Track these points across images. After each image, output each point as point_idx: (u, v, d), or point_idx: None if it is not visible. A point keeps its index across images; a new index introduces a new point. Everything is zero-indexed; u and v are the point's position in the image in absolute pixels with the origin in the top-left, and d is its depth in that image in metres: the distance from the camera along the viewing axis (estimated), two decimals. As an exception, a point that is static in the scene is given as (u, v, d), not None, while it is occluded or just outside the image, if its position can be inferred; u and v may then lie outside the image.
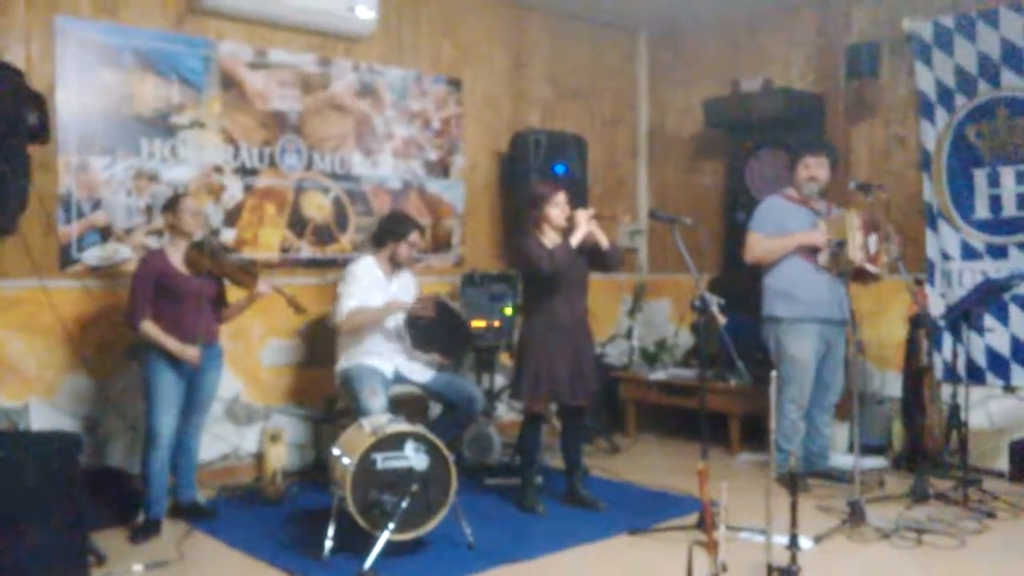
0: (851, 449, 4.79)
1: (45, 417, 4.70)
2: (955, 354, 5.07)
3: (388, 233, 5.08)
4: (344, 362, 4.94)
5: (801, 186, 5.13)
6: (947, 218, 5.69)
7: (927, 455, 5.28)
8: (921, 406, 5.41)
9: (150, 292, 4.32)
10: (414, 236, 5.06)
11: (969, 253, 5.62)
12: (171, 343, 4.29)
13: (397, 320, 4.94)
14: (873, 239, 4.89)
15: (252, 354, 5.43)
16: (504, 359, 6.11)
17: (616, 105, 7.42)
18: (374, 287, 4.94)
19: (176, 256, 4.42)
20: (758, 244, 5.15)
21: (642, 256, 7.53)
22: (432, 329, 4.88)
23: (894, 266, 4.96)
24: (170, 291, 4.35)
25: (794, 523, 3.66)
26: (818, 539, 4.13)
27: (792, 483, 3.70)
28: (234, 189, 5.37)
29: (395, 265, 5.05)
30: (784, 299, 5.08)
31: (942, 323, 5.44)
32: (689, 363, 6.92)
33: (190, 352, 4.32)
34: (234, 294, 4.69)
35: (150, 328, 4.29)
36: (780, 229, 5.10)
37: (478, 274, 5.90)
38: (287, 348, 5.57)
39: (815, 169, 5.09)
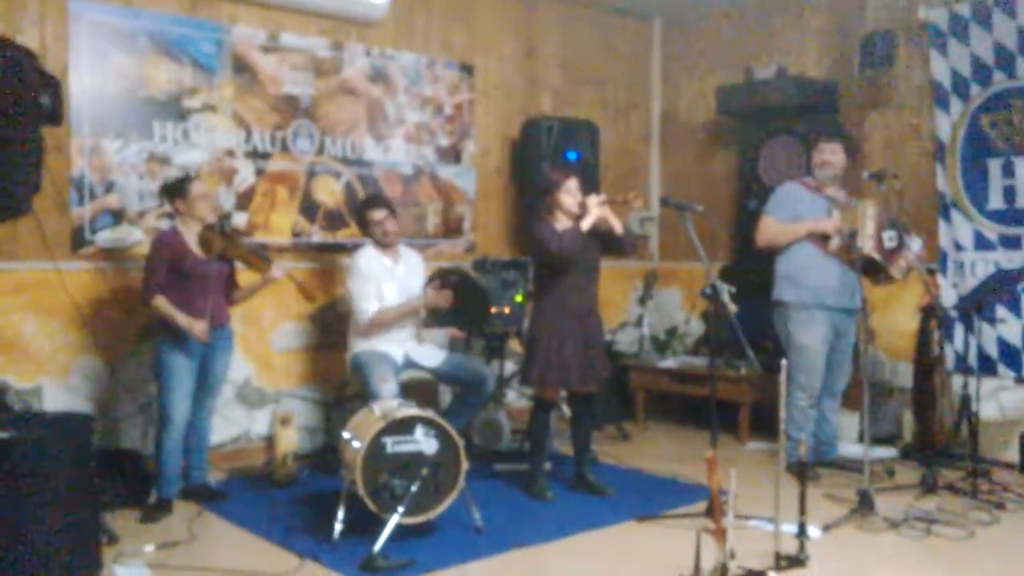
0: (861, 439, 4.78)
1: (58, 398, 4.73)
2: (967, 345, 5.05)
3: (358, 222, 5.12)
4: (355, 347, 4.95)
5: (815, 172, 5.13)
6: (960, 208, 5.66)
7: (937, 446, 5.26)
8: (932, 396, 5.38)
9: (164, 270, 4.33)
10: (376, 214, 4.99)
11: (982, 243, 5.59)
12: (181, 317, 4.29)
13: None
14: (891, 235, 4.87)
15: (263, 338, 5.45)
16: (514, 345, 6.11)
17: (629, 92, 7.39)
18: (382, 275, 4.94)
19: (190, 237, 4.43)
20: (769, 228, 5.14)
21: (653, 243, 7.52)
22: (453, 302, 4.85)
23: (912, 265, 4.95)
24: (183, 271, 4.36)
25: (803, 512, 3.67)
26: (827, 528, 4.13)
27: (801, 472, 3.70)
28: (246, 173, 5.37)
29: (386, 246, 5.04)
30: (792, 284, 5.07)
31: (954, 313, 5.42)
32: (699, 351, 6.92)
33: (199, 327, 4.31)
34: (244, 277, 4.71)
35: (161, 303, 4.30)
36: (794, 215, 5.08)
37: (489, 260, 5.89)
38: (298, 332, 5.59)
39: (828, 154, 5.08)
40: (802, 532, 3.68)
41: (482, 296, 4.91)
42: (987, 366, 5.45)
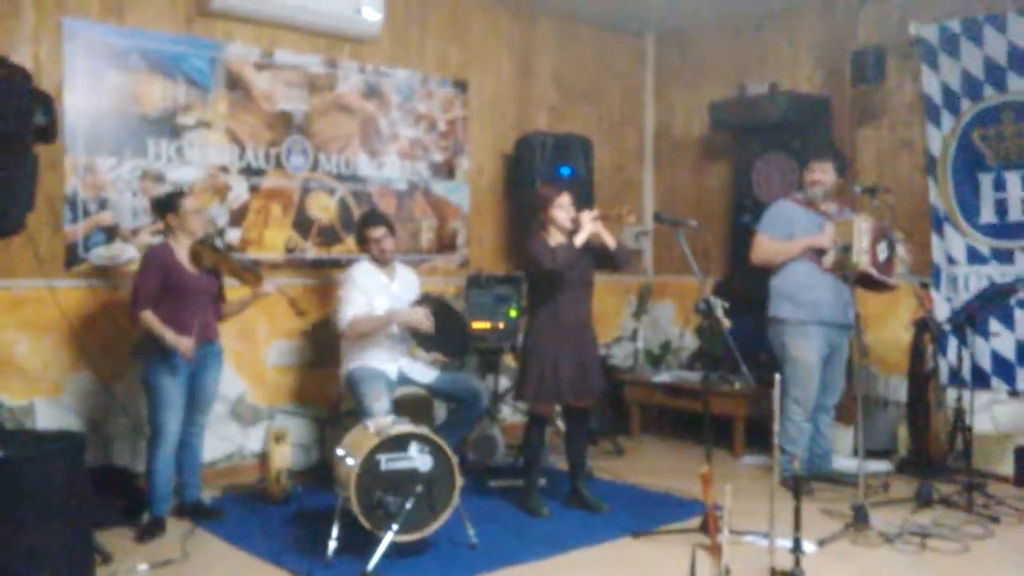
0: (855, 453, 4.79)
1: (50, 416, 4.72)
2: (960, 358, 5.05)
3: (357, 238, 5.12)
4: (349, 364, 4.94)
5: (806, 190, 5.16)
6: (953, 222, 5.68)
7: (932, 459, 5.27)
8: (926, 410, 5.40)
9: (154, 284, 4.33)
10: (375, 232, 4.99)
11: (975, 257, 5.61)
12: (167, 333, 4.27)
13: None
14: (883, 246, 4.90)
15: (257, 354, 5.45)
16: (509, 361, 6.11)
17: (623, 108, 7.42)
18: (376, 289, 4.95)
19: (181, 252, 4.43)
20: (764, 246, 5.16)
21: (647, 258, 7.53)
22: (435, 329, 4.87)
23: (894, 271, 4.99)
24: (173, 286, 4.35)
25: (797, 527, 3.66)
26: (822, 543, 4.13)
27: (796, 486, 3.70)
28: (240, 189, 5.38)
29: (383, 263, 5.05)
30: (789, 301, 5.09)
31: (947, 327, 5.43)
32: (694, 365, 6.92)
33: (184, 343, 4.29)
34: (234, 293, 4.70)
35: (149, 318, 4.28)
36: (788, 232, 5.11)
37: (483, 276, 5.90)
38: (292, 349, 5.58)
39: (818, 174, 5.11)
40: (797, 547, 3.67)
41: (459, 322, 4.91)
42: (981, 379, 5.45)
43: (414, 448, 3.94)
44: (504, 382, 6.13)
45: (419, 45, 6.19)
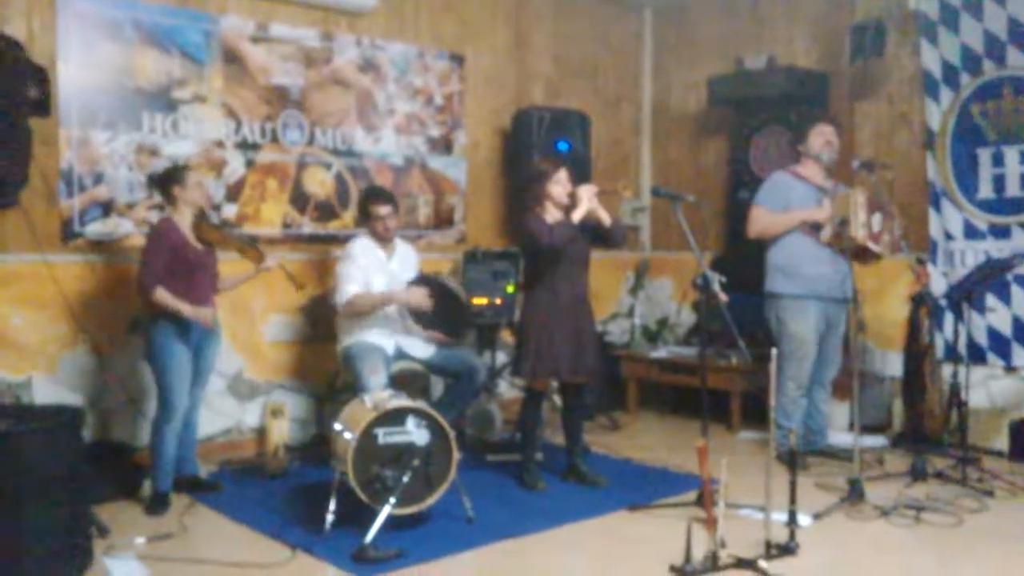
0: (851, 427, 4.80)
1: (47, 391, 4.71)
2: (956, 334, 5.06)
3: (360, 213, 5.09)
4: (346, 339, 4.94)
5: (820, 154, 5.07)
6: (950, 197, 5.67)
7: (927, 434, 5.29)
8: (922, 385, 5.41)
9: (165, 260, 4.32)
10: (381, 209, 4.96)
11: (972, 233, 5.60)
12: (185, 307, 4.28)
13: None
14: (877, 218, 4.89)
15: (254, 330, 5.44)
16: (506, 336, 6.11)
17: (620, 82, 7.38)
18: (374, 266, 4.93)
19: (185, 226, 4.43)
20: (761, 218, 5.14)
21: (645, 234, 7.52)
22: (433, 309, 4.86)
23: (896, 246, 4.98)
24: (182, 261, 4.35)
25: (793, 500, 3.68)
26: (817, 516, 4.15)
27: (791, 461, 3.72)
28: (235, 164, 5.35)
29: (384, 240, 5.03)
30: (785, 275, 5.08)
31: (944, 302, 5.43)
32: (690, 341, 6.93)
33: (204, 312, 4.32)
34: (229, 268, 4.69)
35: (164, 294, 4.27)
36: (785, 205, 5.08)
37: (480, 251, 5.89)
38: (289, 324, 5.57)
39: (831, 135, 5.06)
40: (792, 520, 3.69)
41: (460, 303, 4.90)
42: (977, 355, 5.47)
43: (411, 422, 3.95)
44: (501, 357, 6.13)
45: (415, 18, 6.14)
